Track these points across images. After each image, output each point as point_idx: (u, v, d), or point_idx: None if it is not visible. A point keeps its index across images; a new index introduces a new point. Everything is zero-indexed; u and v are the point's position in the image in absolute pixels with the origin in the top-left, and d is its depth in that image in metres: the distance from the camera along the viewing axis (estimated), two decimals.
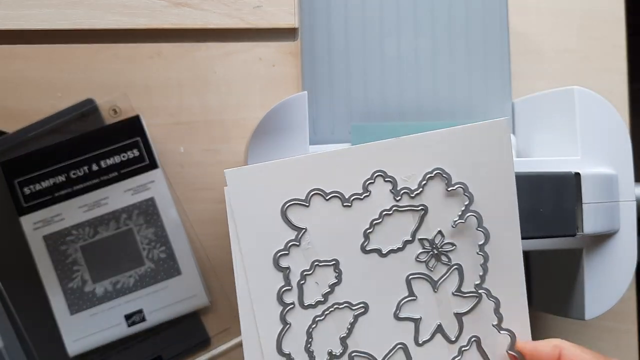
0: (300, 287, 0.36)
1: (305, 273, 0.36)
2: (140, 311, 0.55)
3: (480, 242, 0.37)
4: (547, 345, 0.36)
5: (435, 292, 0.37)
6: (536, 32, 0.61)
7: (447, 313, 0.37)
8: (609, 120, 0.47)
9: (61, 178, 0.55)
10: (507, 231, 0.37)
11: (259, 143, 0.45)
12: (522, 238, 0.42)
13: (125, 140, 0.56)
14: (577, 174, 0.44)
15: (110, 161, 0.55)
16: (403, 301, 0.36)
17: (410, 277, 0.36)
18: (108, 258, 0.55)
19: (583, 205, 0.44)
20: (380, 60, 0.54)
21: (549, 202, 0.43)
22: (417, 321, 0.36)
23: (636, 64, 0.64)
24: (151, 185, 0.56)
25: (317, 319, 0.36)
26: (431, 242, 0.36)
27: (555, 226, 0.43)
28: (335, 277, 0.36)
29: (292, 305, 0.36)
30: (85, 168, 0.55)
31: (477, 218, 0.37)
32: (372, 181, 0.36)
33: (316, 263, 0.36)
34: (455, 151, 0.36)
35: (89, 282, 0.55)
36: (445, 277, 0.37)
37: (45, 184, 0.55)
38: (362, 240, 0.36)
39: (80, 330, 0.54)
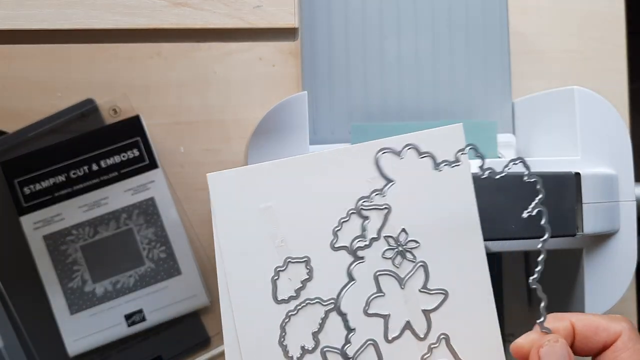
0: (274, 282, 0.37)
1: (278, 269, 0.37)
2: (140, 311, 0.55)
3: (544, 237, 0.36)
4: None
5: (403, 288, 0.37)
6: (536, 32, 0.61)
7: (415, 310, 0.37)
8: (609, 120, 0.47)
9: (61, 178, 0.55)
10: (468, 250, 0.37)
11: (259, 143, 0.45)
12: (522, 238, 0.42)
13: (125, 140, 0.56)
14: (577, 174, 0.44)
15: (110, 161, 0.55)
16: (372, 297, 0.37)
17: (378, 273, 0.37)
18: (108, 258, 0.55)
19: (583, 205, 0.44)
20: (380, 60, 0.54)
21: (549, 202, 0.43)
22: (386, 317, 0.37)
23: (636, 64, 0.64)
24: (151, 185, 0.56)
25: (290, 313, 0.37)
26: (396, 239, 0.37)
27: (555, 226, 0.43)
28: (307, 274, 0.37)
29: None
30: (85, 168, 0.55)
31: (544, 213, 0.36)
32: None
33: (289, 260, 0.37)
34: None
35: (89, 282, 0.55)
36: (410, 274, 0.37)
37: (45, 183, 0.55)
38: (332, 238, 0.37)
39: (80, 330, 0.54)
